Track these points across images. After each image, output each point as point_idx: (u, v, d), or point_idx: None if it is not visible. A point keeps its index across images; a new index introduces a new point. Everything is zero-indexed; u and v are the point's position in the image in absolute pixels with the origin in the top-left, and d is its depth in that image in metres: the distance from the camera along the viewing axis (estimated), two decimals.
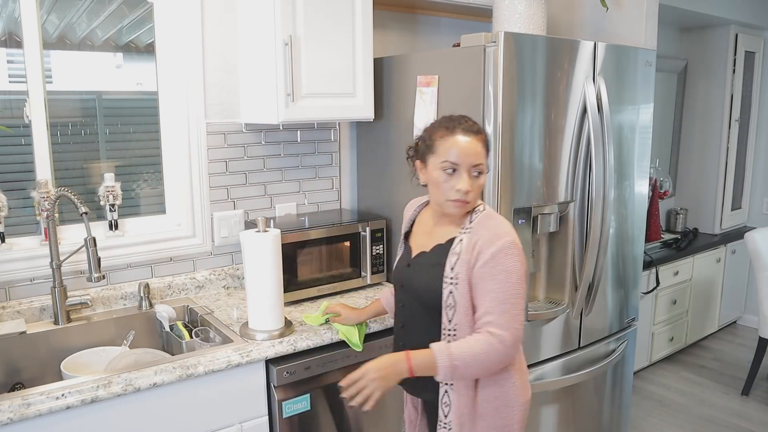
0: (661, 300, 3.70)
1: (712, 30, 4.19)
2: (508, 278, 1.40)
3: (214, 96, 2.22)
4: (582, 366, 2.28)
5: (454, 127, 1.47)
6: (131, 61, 2.19)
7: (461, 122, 1.48)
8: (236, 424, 1.73)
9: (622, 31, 2.68)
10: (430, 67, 2.11)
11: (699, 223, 4.38)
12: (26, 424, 1.41)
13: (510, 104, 1.88)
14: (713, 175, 4.29)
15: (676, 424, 3.18)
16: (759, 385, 3.57)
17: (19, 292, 1.95)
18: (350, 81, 2.15)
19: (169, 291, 2.18)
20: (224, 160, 2.27)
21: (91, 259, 1.80)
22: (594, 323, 2.32)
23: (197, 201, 2.24)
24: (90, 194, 2.10)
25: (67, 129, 2.05)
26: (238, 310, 2.06)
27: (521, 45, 1.88)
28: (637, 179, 2.36)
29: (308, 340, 1.81)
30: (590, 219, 2.15)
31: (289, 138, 2.41)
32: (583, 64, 2.07)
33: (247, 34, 2.17)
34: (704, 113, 4.31)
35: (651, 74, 2.35)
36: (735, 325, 4.64)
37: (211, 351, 1.70)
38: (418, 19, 2.74)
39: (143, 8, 2.13)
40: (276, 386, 1.77)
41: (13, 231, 1.98)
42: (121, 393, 1.51)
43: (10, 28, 1.91)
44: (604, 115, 2.10)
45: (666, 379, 3.70)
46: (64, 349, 1.89)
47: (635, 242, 2.44)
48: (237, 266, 2.33)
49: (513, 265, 1.41)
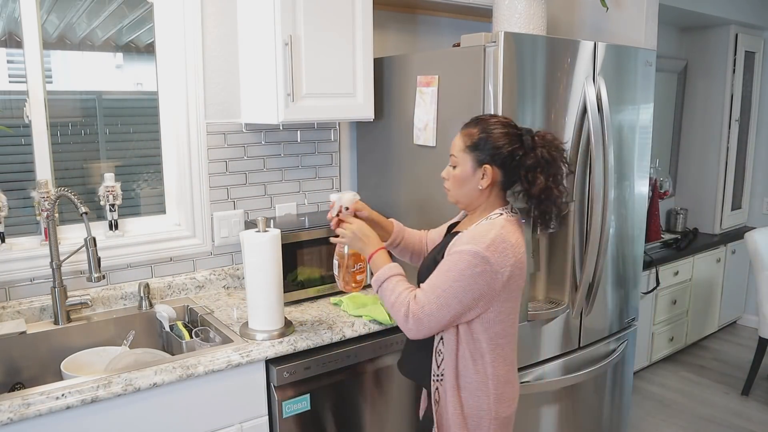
0: (661, 300, 3.70)
1: (712, 30, 4.19)
2: (448, 272, 1.45)
3: (214, 96, 2.22)
4: (582, 366, 2.28)
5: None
6: (131, 61, 2.19)
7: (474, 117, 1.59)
8: (236, 424, 1.73)
9: (622, 31, 2.68)
10: (430, 67, 2.11)
11: (699, 223, 4.38)
12: (26, 424, 1.41)
13: (510, 104, 1.88)
14: (713, 175, 4.29)
15: (676, 424, 3.18)
16: (759, 385, 3.57)
17: (19, 292, 1.95)
18: (350, 81, 2.15)
19: (169, 291, 2.18)
20: (224, 160, 2.27)
21: (91, 259, 1.80)
22: (594, 323, 2.32)
23: (197, 201, 2.24)
24: (90, 194, 2.10)
25: (67, 129, 2.05)
26: (238, 310, 2.06)
27: (521, 45, 1.88)
28: (637, 179, 2.36)
29: (308, 340, 1.81)
30: (590, 219, 2.15)
31: (289, 138, 2.41)
32: (583, 64, 2.07)
33: (247, 34, 2.17)
34: (704, 113, 4.31)
35: (651, 74, 2.35)
36: (735, 325, 4.63)
37: (211, 351, 1.70)
38: (418, 19, 2.74)
39: (143, 8, 2.13)
40: (276, 386, 1.77)
41: (13, 231, 1.98)
42: (121, 393, 1.51)
43: (10, 28, 1.91)
44: (604, 115, 2.10)
45: (666, 379, 3.70)
46: (64, 349, 1.89)
47: (635, 242, 2.44)
48: (237, 266, 2.33)
49: (461, 267, 1.43)
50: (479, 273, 1.42)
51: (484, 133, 1.51)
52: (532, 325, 2.09)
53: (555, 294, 2.23)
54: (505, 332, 1.53)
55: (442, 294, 1.44)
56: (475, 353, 1.51)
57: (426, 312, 1.45)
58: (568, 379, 2.22)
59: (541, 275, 2.22)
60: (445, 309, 1.44)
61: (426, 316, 1.45)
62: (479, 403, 1.52)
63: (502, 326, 1.52)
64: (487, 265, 1.42)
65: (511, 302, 1.51)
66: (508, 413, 1.56)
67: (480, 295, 1.44)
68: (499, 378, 1.53)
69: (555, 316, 2.15)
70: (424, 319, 1.46)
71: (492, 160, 1.50)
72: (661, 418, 3.24)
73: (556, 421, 2.28)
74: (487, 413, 1.53)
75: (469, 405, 1.53)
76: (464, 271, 1.42)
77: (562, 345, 2.21)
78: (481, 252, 1.42)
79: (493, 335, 1.51)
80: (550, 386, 2.19)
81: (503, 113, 1.86)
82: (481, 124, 1.53)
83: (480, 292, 1.44)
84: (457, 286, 1.43)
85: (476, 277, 1.42)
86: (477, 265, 1.42)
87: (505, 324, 1.52)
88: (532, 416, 2.18)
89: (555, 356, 2.20)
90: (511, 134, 1.51)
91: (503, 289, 1.46)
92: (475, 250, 1.42)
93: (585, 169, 2.13)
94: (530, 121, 1.94)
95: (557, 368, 2.21)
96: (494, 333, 1.51)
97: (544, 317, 2.12)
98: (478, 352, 1.51)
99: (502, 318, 1.50)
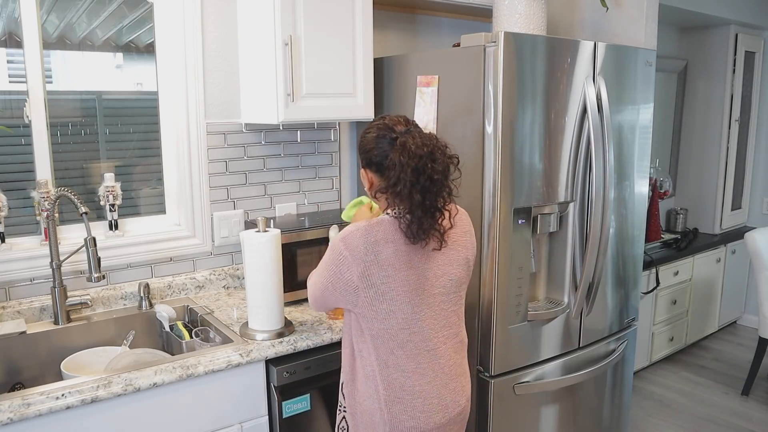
0: (661, 300, 3.70)
1: (712, 30, 4.19)
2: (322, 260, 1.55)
3: (214, 96, 2.22)
4: (582, 366, 2.28)
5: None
6: (131, 61, 2.19)
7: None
8: (236, 424, 1.73)
9: (622, 31, 2.68)
10: (430, 67, 2.11)
11: (699, 223, 4.38)
12: (26, 424, 1.41)
13: (510, 104, 1.88)
14: (713, 175, 4.29)
15: (676, 424, 3.18)
16: (759, 385, 3.57)
17: (19, 292, 1.95)
18: (350, 81, 2.15)
19: (169, 291, 2.18)
20: (224, 160, 2.27)
21: (91, 259, 1.80)
22: (594, 323, 2.32)
23: (197, 201, 2.24)
24: (90, 194, 2.10)
25: (67, 129, 2.05)
26: (238, 310, 2.06)
27: (521, 45, 1.88)
28: (637, 179, 2.36)
29: (308, 340, 1.81)
30: (590, 219, 2.15)
31: (289, 138, 2.41)
32: (583, 64, 2.07)
33: (247, 34, 2.17)
34: (704, 113, 4.31)
35: (651, 74, 2.35)
36: (735, 325, 4.63)
37: (211, 351, 1.70)
38: (418, 19, 2.74)
39: (143, 8, 2.13)
40: (276, 386, 1.77)
41: (13, 231, 1.98)
42: (121, 393, 1.51)
43: (10, 28, 1.91)
44: (604, 115, 2.10)
45: (666, 379, 3.70)
46: (64, 349, 1.89)
47: (635, 242, 2.44)
48: (237, 266, 2.33)
49: (327, 253, 1.53)
50: (332, 260, 1.49)
51: (361, 137, 1.56)
52: (532, 325, 2.09)
53: (555, 294, 2.23)
54: (386, 334, 1.48)
55: (318, 278, 1.55)
56: (364, 348, 1.52)
57: (313, 290, 1.58)
58: (568, 379, 2.22)
59: (541, 275, 2.22)
60: (324, 291, 1.54)
61: (313, 292, 1.58)
62: (370, 401, 1.53)
63: (381, 326, 1.47)
64: (341, 254, 1.47)
65: (386, 304, 1.46)
66: (408, 423, 1.50)
67: (334, 280, 1.49)
68: (392, 383, 1.50)
69: (555, 316, 2.15)
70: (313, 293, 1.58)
71: (367, 164, 1.54)
72: (661, 418, 3.24)
73: (556, 421, 2.28)
74: (379, 412, 1.50)
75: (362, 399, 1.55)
76: (327, 258, 1.52)
77: (562, 345, 2.21)
78: (338, 241, 1.49)
79: (376, 334, 1.49)
80: (550, 386, 2.19)
81: (503, 113, 1.86)
82: (365, 128, 1.57)
83: (334, 277, 1.49)
84: (326, 274, 1.51)
85: (331, 263, 1.49)
86: (333, 252, 1.49)
87: (384, 325, 1.47)
88: (532, 416, 2.18)
89: (555, 356, 2.20)
90: (381, 137, 1.51)
91: (364, 283, 1.44)
92: (335, 240, 1.51)
93: (585, 169, 2.13)
94: (530, 121, 1.94)
95: (557, 368, 2.21)
96: (376, 331, 1.48)
97: (544, 317, 2.12)
98: (365, 347, 1.52)
99: (380, 317, 1.46)
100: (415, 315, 1.49)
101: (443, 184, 1.46)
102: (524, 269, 2.04)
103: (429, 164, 1.41)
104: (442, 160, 1.44)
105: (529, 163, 1.97)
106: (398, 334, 1.49)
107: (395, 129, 1.50)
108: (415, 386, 1.51)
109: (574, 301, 2.19)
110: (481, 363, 2.04)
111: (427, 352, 1.52)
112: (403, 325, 1.48)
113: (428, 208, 1.44)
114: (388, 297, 1.46)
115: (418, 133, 1.47)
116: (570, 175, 2.10)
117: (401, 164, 1.41)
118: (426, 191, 1.42)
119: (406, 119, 1.54)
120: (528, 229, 2.05)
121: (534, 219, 2.07)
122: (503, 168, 1.90)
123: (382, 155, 1.48)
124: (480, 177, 1.95)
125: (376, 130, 1.52)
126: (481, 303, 2.01)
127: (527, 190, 1.98)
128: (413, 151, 1.41)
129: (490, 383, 2.01)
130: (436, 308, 1.52)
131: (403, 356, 1.50)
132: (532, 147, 1.96)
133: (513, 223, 1.97)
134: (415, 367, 1.51)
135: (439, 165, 1.43)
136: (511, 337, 2.04)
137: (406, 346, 1.50)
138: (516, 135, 1.91)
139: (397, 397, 1.50)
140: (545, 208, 2.09)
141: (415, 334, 1.50)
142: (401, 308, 1.47)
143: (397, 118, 1.54)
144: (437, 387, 1.53)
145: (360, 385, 1.55)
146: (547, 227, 2.13)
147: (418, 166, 1.40)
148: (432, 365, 1.53)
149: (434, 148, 1.44)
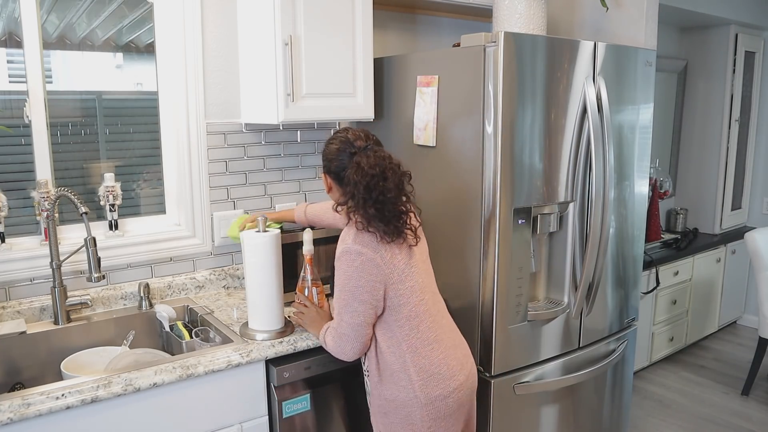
0: (661, 300, 3.70)
1: (712, 30, 4.19)
2: (338, 282, 1.59)
3: (214, 96, 2.22)
4: (582, 366, 2.28)
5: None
6: (131, 61, 2.19)
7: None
8: (236, 424, 1.73)
9: (622, 31, 2.68)
10: (430, 67, 2.11)
11: (699, 223, 4.38)
12: (26, 424, 1.41)
13: (510, 104, 1.88)
14: (713, 175, 4.29)
15: (676, 424, 3.18)
16: (759, 385, 3.57)
17: (19, 292, 1.95)
18: (350, 81, 2.15)
19: (169, 291, 2.18)
20: (224, 160, 2.27)
21: (91, 259, 1.80)
22: (594, 323, 2.32)
23: (197, 201, 2.24)
24: (90, 194, 2.10)
25: (67, 129, 2.05)
26: (238, 310, 2.06)
27: (521, 45, 1.88)
28: (637, 179, 2.36)
29: (308, 340, 1.81)
30: (590, 219, 2.15)
31: (289, 138, 2.41)
32: (583, 64, 2.07)
33: (247, 34, 2.17)
34: (704, 113, 4.31)
35: (651, 74, 2.35)
36: (735, 325, 4.64)
37: (211, 351, 1.70)
38: (418, 19, 2.74)
39: (143, 8, 2.13)
40: (276, 386, 1.77)
41: (13, 231, 1.98)
42: (121, 393, 1.51)
43: (10, 28, 1.91)
44: (604, 115, 2.10)
45: (666, 379, 3.70)
46: (64, 349, 1.89)
47: (635, 242, 2.44)
48: (237, 266, 2.33)
49: (344, 269, 1.57)
50: (360, 265, 1.53)
51: (325, 145, 1.68)
52: (532, 325, 2.09)
53: (555, 294, 2.23)
54: (414, 313, 1.59)
55: (344, 305, 1.56)
56: (392, 343, 1.59)
57: (342, 328, 1.60)
58: (568, 379, 2.22)
59: (541, 275, 2.22)
60: (354, 315, 1.56)
61: (344, 329, 1.60)
62: (404, 393, 1.59)
63: (408, 308, 1.59)
64: (362, 255, 1.53)
65: (405, 281, 1.58)
66: (437, 392, 1.60)
67: (373, 284, 1.53)
68: (422, 362, 1.59)
69: (555, 316, 2.15)
70: (344, 333, 1.59)
71: (327, 171, 1.69)
72: (661, 418, 3.24)
73: (556, 421, 2.28)
74: (415, 400, 1.59)
75: (395, 395, 1.60)
76: (347, 271, 1.54)
77: (562, 345, 2.21)
78: (351, 246, 1.53)
79: (403, 320, 1.58)
80: (550, 386, 2.19)
81: (503, 113, 1.87)
82: (330, 138, 1.69)
83: (372, 281, 1.53)
84: (350, 287, 1.54)
85: (360, 269, 1.53)
86: (355, 260, 1.53)
87: (410, 305, 1.59)
88: (532, 416, 2.18)
89: (555, 356, 2.20)
90: (342, 150, 1.63)
91: (389, 266, 1.55)
92: (345, 248, 1.54)
93: (585, 169, 2.13)
94: (530, 121, 1.94)
95: (557, 368, 2.21)
96: (403, 317, 1.58)
97: (544, 317, 2.12)
98: (393, 340, 1.59)
99: (404, 300, 1.58)
100: (420, 283, 1.65)
101: (398, 196, 1.58)
102: (524, 269, 2.04)
103: (380, 183, 1.54)
104: (393, 179, 1.56)
105: (529, 163, 1.97)
106: (418, 308, 1.60)
107: (355, 144, 1.62)
108: (439, 355, 1.62)
109: (574, 301, 2.19)
110: (481, 363, 2.04)
111: (435, 317, 1.65)
112: (420, 296, 1.61)
113: (389, 219, 1.55)
114: (405, 274, 1.58)
115: (373, 153, 1.59)
116: (570, 175, 2.10)
117: (355, 182, 1.54)
118: (381, 204, 1.54)
119: (366, 134, 1.66)
120: (528, 229, 2.05)
121: (534, 219, 2.07)
122: (503, 168, 1.90)
123: (340, 167, 1.63)
124: (480, 177, 1.95)
125: (338, 143, 1.65)
126: (481, 303, 2.01)
127: (527, 190, 1.98)
128: (366, 170, 1.54)
129: (491, 383, 2.02)
130: (423, 274, 1.68)
131: (426, 329, 1.61)
132: (532, 147, 1.96)
133: (513, 223, 1.97)
134: (435, 336, 1.63)
135: (390, 183, 1.55)
136: (511, 337, 2.04)
137: (425, 318, 1.62)
138: (516, 135, 1.91)
139: (428, 375, 1.59)
140: (545, 208, 2.10)
141: (424, 302, 1.63)
142: (414, 279, 1.61)
143: (359, 133, 1.65)
144: (452, 348, 1.67)
145: (387, 383, 1.62)
146: (547, 227, 2.13)
147: (370, 184, 1.53)
148: (442, 328, 1.66)
149: (386, 168, 1.56)
